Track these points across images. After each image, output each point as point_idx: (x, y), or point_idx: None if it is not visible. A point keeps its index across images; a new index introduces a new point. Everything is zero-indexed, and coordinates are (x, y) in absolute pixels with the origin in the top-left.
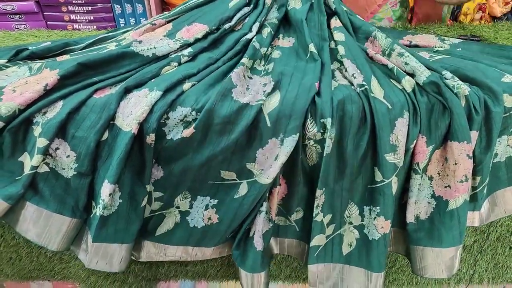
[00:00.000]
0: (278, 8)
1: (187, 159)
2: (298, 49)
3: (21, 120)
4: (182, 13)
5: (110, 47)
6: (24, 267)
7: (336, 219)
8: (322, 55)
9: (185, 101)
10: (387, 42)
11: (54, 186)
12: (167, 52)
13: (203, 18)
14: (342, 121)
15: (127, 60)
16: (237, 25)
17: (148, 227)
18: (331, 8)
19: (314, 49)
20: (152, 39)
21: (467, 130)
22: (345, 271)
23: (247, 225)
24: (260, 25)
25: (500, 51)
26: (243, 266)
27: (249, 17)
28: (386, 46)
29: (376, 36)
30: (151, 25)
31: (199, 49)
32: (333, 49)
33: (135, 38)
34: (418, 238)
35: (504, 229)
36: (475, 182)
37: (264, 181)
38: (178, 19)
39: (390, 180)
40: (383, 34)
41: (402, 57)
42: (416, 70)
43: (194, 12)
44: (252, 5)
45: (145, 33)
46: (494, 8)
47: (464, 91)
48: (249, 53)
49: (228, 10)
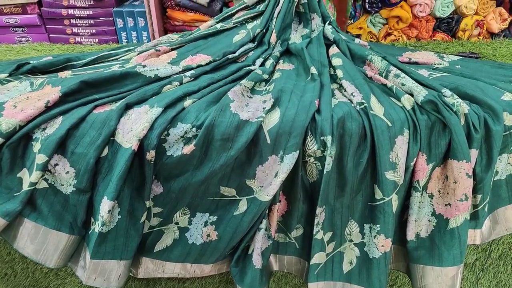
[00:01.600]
0: (281, 43)
1: (187, 175)
2: (299, 71)
3: (20, 136)
4: (187, 42)
5: (114, 68)
6: (19, 283)
7: (336, 236)
8: (322, 78)
9: (186, 118)
10: (383, 64)
11: (53, 203)
12: (169, 74)
13: (207, 50)
14: (342, 138)
15: (129, 80)
16: (240, 58)
17: (146, 243)
18: (330, 39)
19: (315, 71)
20: (156, 64)
21: (466, 148)
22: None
23: (246, 242)
24: (263, 60)
25: (499, 69)
26: (241, 284)
27: (253, 52)
28: (383, 68)
29: (372, 59)
30: (156, 50)
31: (201, 72)
32: (332, 74)
33: (139, 62)
34: (419, 256)
35: (506, 247)
36: (476, 200)
37: (264, 198)
38: (183, 48)
39: (390, 198)
40: (378, 57)
41: (398, 78)
42: (413, 90)
43: (199, 42)
44: (256, 42)
45: (149, 57)
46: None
47: (463, 109)
48: (250, 77)
49: (233, 45)
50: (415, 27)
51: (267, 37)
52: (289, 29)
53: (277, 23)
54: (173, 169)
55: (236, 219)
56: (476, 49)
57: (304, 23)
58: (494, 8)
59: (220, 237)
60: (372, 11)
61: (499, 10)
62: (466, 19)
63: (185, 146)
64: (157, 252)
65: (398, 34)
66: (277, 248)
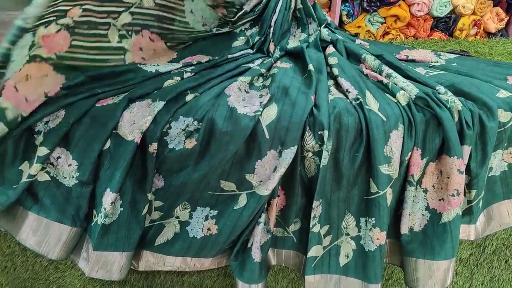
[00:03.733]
0: (279, 49)
1: (188, 170)
2: (296, 68)
3: (24, 129)
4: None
5: None
6: (19, 276)
7: (333, 230)
8: (319, 75)
9: (188, 112)
10: (376, 63)
11: (55, 195)
12: (169, 70)
13: (207, 51)
14: (339, 133)
15: (131, 74)
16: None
17: (147, 237)
18: (327, 40)
19: (313, 68)
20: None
21: (457, 145)
22: (342, 282)
23: (245, 236)
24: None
25: (495, 67)
26: (240, 277)
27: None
28: (375, 67)
29: (365, 58)
30: None
31: (201, 68)
32: (329, 72)
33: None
34: (412, 250)
35: (500, 243)
36: (470, 196)
37: (263, 192)
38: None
39: (384, 191)
40: (371, 56)
41: (390, 78)
42: (405, 89)
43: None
44: (255, 49)
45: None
46: (488, 24)
47: (457, 106)
48: (248, 73)
49: (232, 48)
50: (413, 26)
51: (265, 46)
52: (288, 34)
53: (275, 31)
54: (174, 163)
55: (236, 213)
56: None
57: (302, 27)
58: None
59: (220, 231)
60: (370, 10)
61: (496, 10)
62: (464, 18)
63: (186, 140)
64: (158, 246)
65: (396, 33)
66: (275, 242)
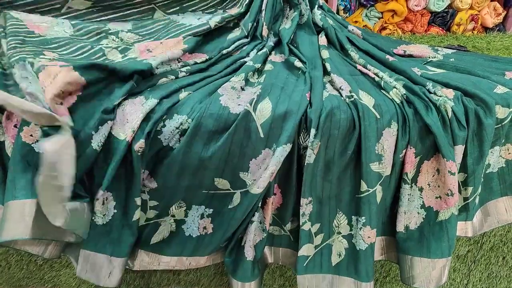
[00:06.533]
0: (273, 34)
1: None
2: (290, 64)
3: None
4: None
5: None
6: (14, 275)
7: (324, 228)
8: (315, 71)
9: (182, 109)
10: (361, 61)
11: None
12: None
13: (203, 48)
14: (330, 131)
15: None
16: (234, 52)
17: (142, 236)
18: (319, 25)
19: (300, 64)
20: None
21: (447, 148)
22: (335, 281)
23: (239, 233)
24: (257, 52)
25: (493, 63)
26: (233, 275)
27: (247, 46)
28: (362, 64)
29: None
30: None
31: (196, 69)
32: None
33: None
34: (407, 247)
35: (498, 239)
36: (466, 193)
37: (255, 191)
38: None
39: (374, 189)
40: (356, 54)
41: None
42: None
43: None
44: (250, 38)
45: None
46: (486, 19)
47: (447, 107)
48: (243, 69)
49: (227, 41)
50: (410, 21)
51: (258, 30)
52: (281, 17)
53: (266, 14)
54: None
55: (230, 212)
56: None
57: (294, 8)
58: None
59: (216, 229)
60: (367, 5)
61: (493, 5)
62: (461, 13)
63: (181, 137)
64: (153, 245)
65: (393, 28)
66: (272, 241)
